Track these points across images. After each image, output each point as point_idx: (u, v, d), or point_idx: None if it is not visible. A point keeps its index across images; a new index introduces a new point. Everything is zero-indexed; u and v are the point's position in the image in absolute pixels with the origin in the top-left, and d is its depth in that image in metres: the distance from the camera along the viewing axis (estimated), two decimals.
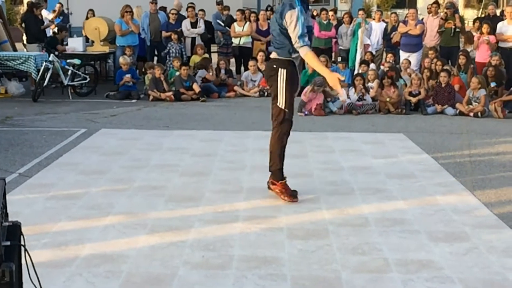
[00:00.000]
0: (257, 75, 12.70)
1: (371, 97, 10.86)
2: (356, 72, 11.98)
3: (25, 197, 5.64)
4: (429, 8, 13.69)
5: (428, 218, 5.12)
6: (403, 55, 12.69)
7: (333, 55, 13.96)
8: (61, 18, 15.28)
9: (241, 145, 7.86)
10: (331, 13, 14.10)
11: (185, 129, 8.96)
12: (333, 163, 6.93)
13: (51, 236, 4.67)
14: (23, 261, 2.43)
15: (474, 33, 12.81)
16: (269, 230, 4.82)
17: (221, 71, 12.81)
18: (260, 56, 12.97)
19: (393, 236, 4.70)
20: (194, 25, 13.76)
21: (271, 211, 5.27)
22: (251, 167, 6.74)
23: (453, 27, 12.67)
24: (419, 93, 10.80)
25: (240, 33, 13.52)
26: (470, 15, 32.45)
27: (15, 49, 13.27)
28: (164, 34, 13.65)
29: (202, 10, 14.13)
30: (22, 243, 2.39)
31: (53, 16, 15.12)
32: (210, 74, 12.54)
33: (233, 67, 14.04)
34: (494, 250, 4.42)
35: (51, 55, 11.82)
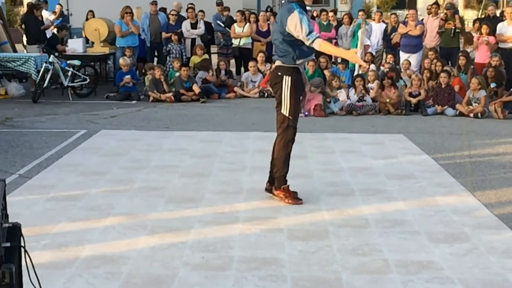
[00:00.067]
0: (257, 76, 12.70)
1: (371, 98, 10.86)
2: (356, 72, 11.98)
3: (25, 198, 5.64)
4: (429, 9, 13.69)
5: (428, 219, 5.13)
6: (403, 56, 12.69)
7: (333, 56, 13.94)
8: (61, 19, 15.27)
9: (241, 146, 7.86)
10: (331, 14, 14.10)
11: (185, 130, 8.96)
12: (333, 164, 6.93)
13: (51, 237, 4.67)
14: (23, 262, 2.43)
15: (474, 34, 12.80)
16: (269, 231, 4.82)
17: (221, 72, 12.81)
18: (260, 57, 12.97)
19: (393, 237, 4.70)
20: (194, 26, 13.76)
21: (271, 212, 5.27)
22: (251, 168, 6.74)
23: (453, 28, 12.67)
24: (419, 94, 10.80)
25: (240, 34, 13.52)
26: (470, 16, 32.46)
27: (15, 50, 13.27)
28: (164, 35, 13.66)
29: (201, 11, 14.13)
30: (22, 244, 2.39)
31: (54, 17, 15.12)
32: (210, 75, 12.54)
33: (233, 68, 14.04)
34: (494, 251, 4.43)
35: (51, 56, 11.82)
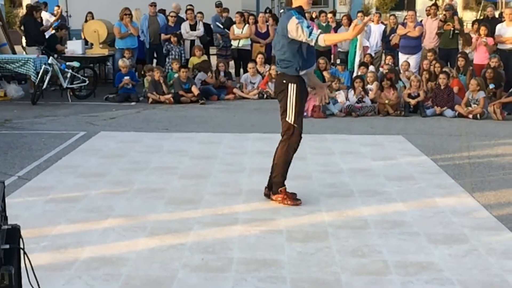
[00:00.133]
0: (256, 78, 12.70)
1: (370, 99, 10.87)
2: (355, 74, 11.99)
3: (24, 200, 5.64)
4: (428, 10, 13.70)
5: (427, 220, 5.13)
6: (402, 57, 12.70)
7: (332, 57, 13.96)
8: (59, 21, 15.23)
9: (240, 147, 7.86)
10: (330, 15, 14.11)
11: (185, 131, 8.97)
12: (332, 165, 6.93)
13: (51, 239, 4.67)
14: (22, 264, 2.43)
15: (472, 35, 12.82)
16: (269, 232, 4.82)
17: (220, 73, 12.81)
18: (259, 58, 12.97)
19: (392, 238, 4.71)
20: (193, 27, 13.76)
21: (271, 214, 5.27)
22: (250, 170, 6.74)
23: (452, 29, 12.68)
24: (418, 95, 10.81)
25: (239, 36, 13.52)
26: (469, 17, 32.50)
27: (14, 52, 13.27)
28: (163, 36, 13.66)
29: (200, 12, 14.14)
30: (21, 246, 2.39)
31: (54, 19, 15.11)
32: (209, 77, 12.55)
33: (232, 70, 14.05)
34: (493, 252, 4.43)
35: (50, 58, 11.83)
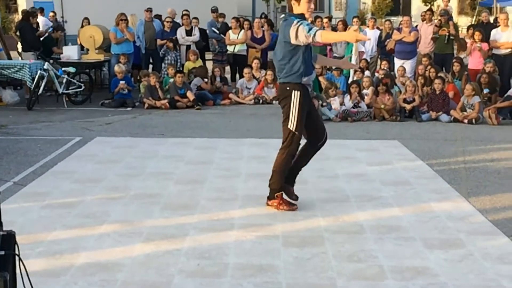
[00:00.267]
0: (252, 83, 12.72)
1: (366, 104, 10.89)
2: (350, 79, 12.00)
3: (20, 206, 5.62)
4: (423, 15, 13.75)
5: (423, 225, 5.13)
6: (398, 62, 12.73)
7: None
8: (52, 27, 15.19)
9: (236, 152, 7.86)
10: (325, 20, 14.13)
11: (180, 137, 8.96)
12: (328, 171, 6.93)
13: (46, 245, 4.66)
14: (18, 270, 2.43)
15: (467, 40, 12.86)
16: (265, 237, 4.82)
17: (216, 78, 12.82)
18: (255, 63, 12.99)
19: (388, 243, 4.71)
20: (189, 33, 13.77)
21: (267, 219, 5.27)
22: (246, 175, 6.74)
23: (447, 34, 12.72)
24: (414, 100, 10.84)
25: (235, 41, 13.53)
26: (464, 22, 32.58)
27: (9, 58, 13.26)
28: (159, 42, 13.67)
29: (196, 18, 14.15)
30: (16, 252, 2.39)
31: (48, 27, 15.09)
32: (205, 82, 12.55)
33: (228, 75, 14.05)
34: (489, 257, 4.43)
35: (46, 63, 11.82)
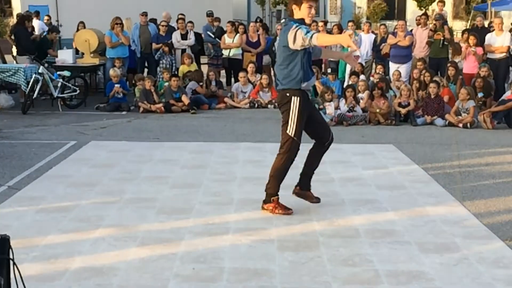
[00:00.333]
0: (247, 87, 12.72)
1: (361, 108, 10.90)
2: (346, 83, 12.02)
3: (14, 210, 5.61)
4: (418, 19, 13.77)
5: (418, 229, 5.14)
6: (393, 67, 12.76)
7: (323, 66, 14.00)
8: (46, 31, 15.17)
9: (232, 156, 7.86)
10: (321, 24, 14.14)
11: (176, 141, 8.96)
12: (323, 175, 6.92)
13: (41, 249, 4.64)
14: (12, 275, 2.42)
15: (462, 45, 12.90)
16: (260, 242, 4.82)
17: (211, 82, 12.82)
18: (250, 67, 13.00)
19: (383, 247, 4.71)
20: (184, 37, 13.78)
21: (262, 223, 5.26)
22: (241, 179, 6.74)
23: (442, 38, 12.76)
24: (409, 104, 10.86)
25: (230, 45, 13.54)
26: (459, 26, 32.69)
27: (4, 61, 13.24)
28: (154, 46, 13.66)
29: (191, 22, 14.16)
30: (10, 256, 2.38)
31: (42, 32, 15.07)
32: (200, 86, 12.55)
33: (223, 79, 14.06)
34: (483, 261, 4.44)
35: (41, 67, 11.80)
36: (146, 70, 14.38)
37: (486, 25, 14.80)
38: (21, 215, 5.44)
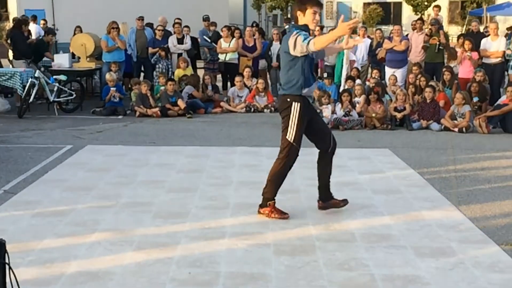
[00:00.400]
0: (243, 91, 12.73)
1: (357, 113, 10.92)
2: (342, 87, 12.04)
3: (10, 214, 5.60)
4: (414, 24, 13.82)
5: (414, 233, 5.15)
6: (389, 71, 12.79)
7: (319, 71, 14.03)
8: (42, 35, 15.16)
9: (228, 161, 7.86)
10: (317, 29, 14.16)
11: (172, 145, 8.96)
12: None
13: (37, 253, 4.64)
14: (8, 279, 2.41)
15: (457, 49, 12.94)
16: (256, 246, 4.82)
17: (208, 87, 12.83)
18: (246, 72, 13.01)
19: (379, 251, 4.72)
20: (180, 41, 13.79)
21: (258, 227, 5.27)
22: (237, 183, 6.74)
23: (438, 43, 12.80)
24: (404, 109, 10.88)
25: (226, 49, 13.55)
26: (454, 31, 32.78)
27: (0, 65, 13.22)
28: (150, 50, 13.67)
29: (187, 26, 14.17)
30: (6, 261, 2.38)
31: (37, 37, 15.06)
32: (197, 91, 12.55)
33: (220, 83, 14.07)
34: (479, 265, 4.45)
35: (37, 71, 11.79)
36: (142, 74, 14.38)
37: (481, 30, 14.88)
38: (17, 219, 5.43)
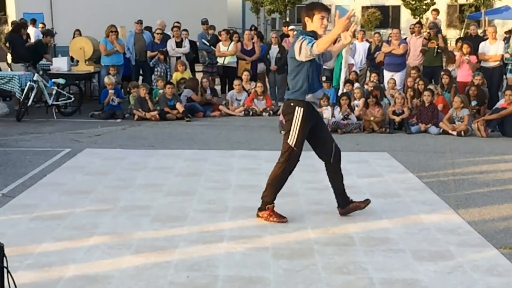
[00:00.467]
0: (242, 95, 12.74)
1: (356, 116, 10.92)
2: (340, 91, 12.05)
3: (9, 218, 5.59)
4: (412, 28, 13.84)
5: (412, 237, 5.15)
6: (387, 75, 12.80)
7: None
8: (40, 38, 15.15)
9: (226, 164, 7.86)
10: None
11: (170, 148, 8.95)
12: (318, 182, 6.94)
13: (35, 257, 4.63)
14: (6, 283, 2.41)
15: (456, 53, 12.96)
16: (255, 249, 4.82)
17: (206, 90, 12.83)
18: (245, 75, 13.02)
19: (378, 255, 4.72)
20: (179, 44, 13.80)
21: (257, 231, 5.26)
22: (236, 187, 6.74)
23: (436, 47, 12.82)
24: (403, 112, 10.89)
25: (225, 53, 13.56)
26: (452, 35, 32.81)
27: None
28: (149, 53, 13.68)
29: (185, 30, 14.19)
30: (4, 264, 2.38)
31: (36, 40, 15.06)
32: (195, 94, 12.56)
33: (218, 87, 14.08)
34: (478, 268, 4.45)
35: (36, 74, 11.78)
36: (140, 78, 14.38)
37: (479, 34, 14.90)
38: (15, 223, 5.42)
